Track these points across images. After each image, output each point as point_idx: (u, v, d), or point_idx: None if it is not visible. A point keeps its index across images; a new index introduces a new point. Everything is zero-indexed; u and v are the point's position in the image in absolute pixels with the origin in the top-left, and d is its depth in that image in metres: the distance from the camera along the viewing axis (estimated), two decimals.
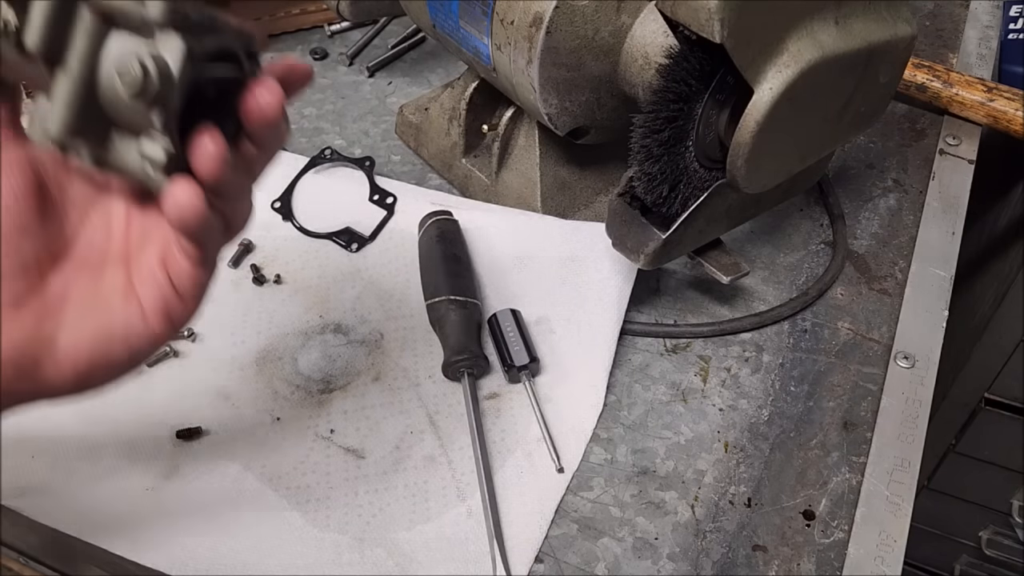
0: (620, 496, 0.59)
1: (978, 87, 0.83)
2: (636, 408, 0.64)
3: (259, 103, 0.36)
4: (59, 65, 0.34)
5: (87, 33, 0.33)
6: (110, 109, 0.35)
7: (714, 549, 0.57)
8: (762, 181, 0.60)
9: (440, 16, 0.69)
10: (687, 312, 0.70)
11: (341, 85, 0.92)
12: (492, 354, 0.65)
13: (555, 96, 0.63)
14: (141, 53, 0.33)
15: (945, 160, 0.82)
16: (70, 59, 0.33)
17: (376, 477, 0.59)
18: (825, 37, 0.54)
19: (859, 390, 0.65)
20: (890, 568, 0.55)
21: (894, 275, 0.73)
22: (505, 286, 0.70)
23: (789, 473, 0.60)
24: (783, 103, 0.53)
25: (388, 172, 0.82)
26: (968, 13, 0.98)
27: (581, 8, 0.60)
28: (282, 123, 0.38)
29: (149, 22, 0.33)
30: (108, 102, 0.34)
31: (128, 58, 0.33)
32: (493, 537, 0.55)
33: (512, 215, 0.74)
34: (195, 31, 0.34)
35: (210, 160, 0.35)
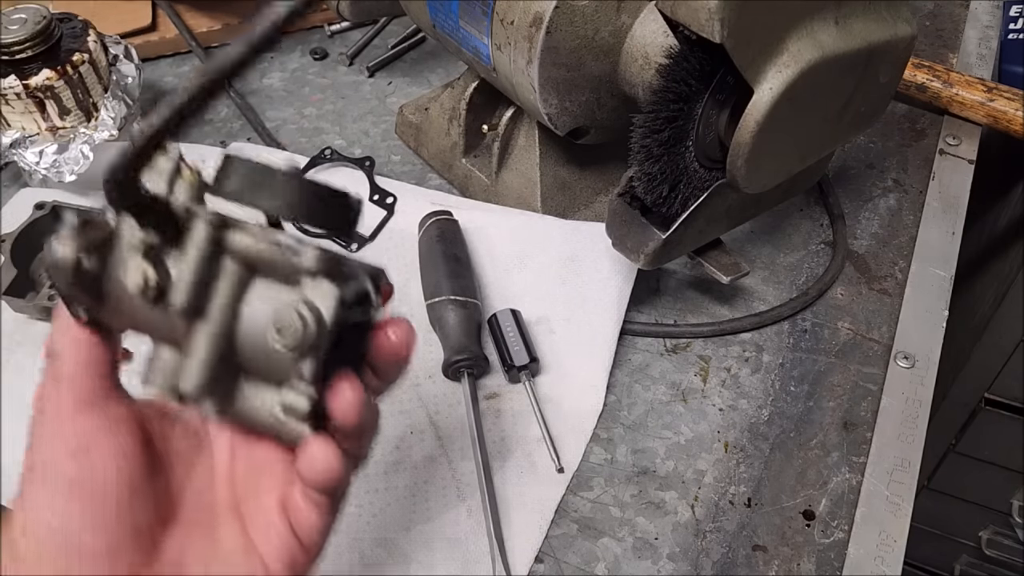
0: (620, 496, 0.59)
1: (978, 87, 0.83)
2: (636, 408, 0.64)
3: (392, 342, 0.35)
4: (199, 318, 0.32)
5: (231, 284, 0.32)
6: (252, 360, 0.33)
7: (714, 549, 0.57)
8: (762, 181, 0.60)
9: (440, 16, 0.69)
10: (687, 312, 0.70)
11: (341, 85, 0.92)
12: (492, 354, 0.65)
13: (555, 96, 0.63)
14: (299, 305, 0.31)
15: (945, 160, 0.82)
16: (212, 311, 0.32)
17: (376, 477, 0.59)
18: (825, 37, 0.54)
19: (859, 390, 0.65)
20: (890, 568, 0.55)
21: (894, 275, 0.73)
22: (505, 286, 0.70)
23: (789, 473, 0.60)
24: (783, 103, 0.53)
25: (388, 172, 0.82)
26: (968, 13, 0.98)
27: (581, 8, 0.60)
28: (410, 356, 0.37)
29: (300, 271, 0.32)
30: (251, 353, 0.33)
31: (286, 311, 0.31)
32: (493, 537, 0.55)
33: (512, 215, 0.74)
34: (343, 276, 0.32)
35: (351, 408, 0.33)
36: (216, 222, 0.32)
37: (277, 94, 0.90)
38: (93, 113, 0.74)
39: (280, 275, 0.32)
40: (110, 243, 0.32)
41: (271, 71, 0.93)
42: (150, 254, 0.32)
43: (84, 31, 0.74)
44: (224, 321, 0.32)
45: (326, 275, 0.32)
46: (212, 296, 0.32)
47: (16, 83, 0.69)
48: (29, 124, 0.72)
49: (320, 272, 0.32)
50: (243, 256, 0.32)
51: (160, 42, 0.94)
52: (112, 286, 0.32)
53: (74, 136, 0.72)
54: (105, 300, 0.33)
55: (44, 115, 0.72)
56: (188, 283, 0.31)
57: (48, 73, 0.70)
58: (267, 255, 0.32)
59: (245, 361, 0.33)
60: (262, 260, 0.32)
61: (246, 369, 0.33)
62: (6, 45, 0.69)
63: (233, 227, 0.32)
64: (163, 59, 0.94)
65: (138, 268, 0.31)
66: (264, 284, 0.33)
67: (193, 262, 0.31)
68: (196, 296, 0.31)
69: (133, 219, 0.31)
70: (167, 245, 0.32)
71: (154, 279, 0.31)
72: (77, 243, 0.31)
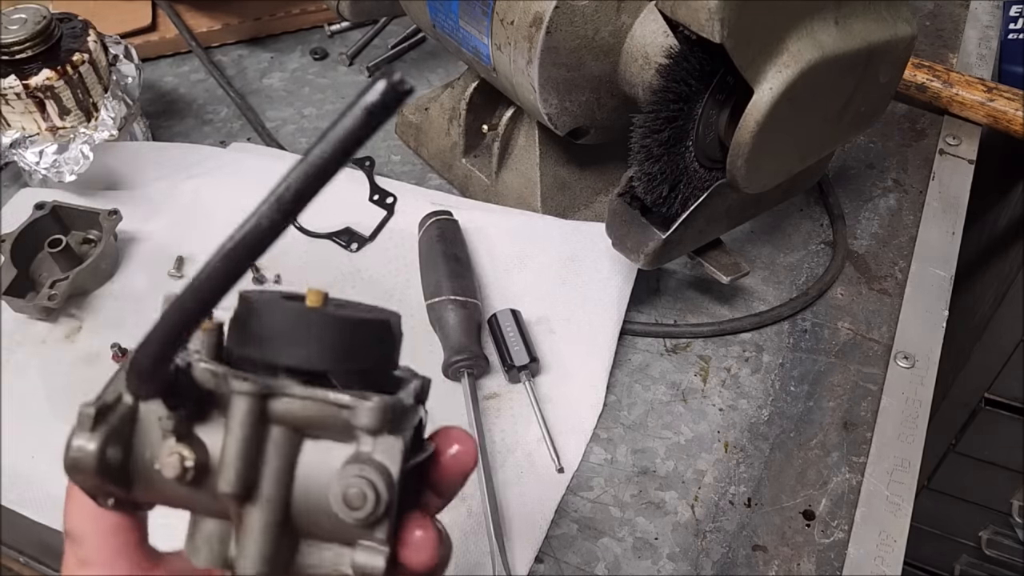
0: (620, 496, 0.59)
1: (978, 87, 0.83)
2: (636, 408, 0.64)
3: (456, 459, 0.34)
4: (250, 500, 0.29)
5: (281, 454, 0.29)
6: (312, 525, 0.30)
7: (714, 549, 0.57)
8: (762, 181, 0.60)
9: (440, 16, 0.69)
10: (687, 312, 0.70)
11: (341, 85, 0.92)
12: (492, 354, 0.65)
13: (555, 96, 0.63)
14: (366, 473, 0.28)
15: (945, 160, 0.82)
16: (263, 488, 0.29)
17: None
18: (825, 37, 0.54)
19: (859, 390, 0.65)
20: (890, 568, 0.55)
21: (894, 275, 0.73)
22: (505, 286, 0.70)
23: (789, 473, 0.60)
24: (783, 103, 0.53)
25: (388, 172, 0.82)
26: (968, 13, 0.98)
27: (581, 8, 0.60)
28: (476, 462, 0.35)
29: (355, 428, 0.29)
30: (312, 518, 0.30)
31: (355, 484, 0.28)
32: (493, 537, 0.55)
33: (512, 215, 0.74)
34: (400, 420, 0.30)
35: (428, 556, 0.31)
36: (256, 392, 0.29)
37: (277, 94, 0.90)
38: (93, 113, 0.74)
39: (331, 433, 0.30)
40: (132, 425, 0.30)
41: (271, 71, 0.93)
42: (182, 434, 0.29)
43: (84, 31, 0.74)
44: (278, 495, 0.29)
45: (388, 430, 0.29)
46: (262, 471, 0.29)
47: (16, 83, 0.69)
48: (29, 124, 0.72)
49: (380, 430, 0.29)
50: (290, 421, 0.29)
51: (160, 42, 0.94)
52: (141, 470, 0.30)
53: (74, 136, 0.72)
54: (134, 486, 0.30)
55: (44, 115, 0.72)
56: (236, 468, 0.29)
57: (48, 73, 0.70)
58: (315, 415, 0.29)
59: (303, 526, 0.30)
60: (310, 421, 0.29)
61: (304, 533, 0.31)
62: (6, 45, 0.69)
63: (275, 395, 0.29)
64: (163, 59, 0.94)
65: (173, 453, 0.29)
66: (315, 445, 0.30)
67: (238, 443, 0.29)
68: (246, 479, 0.29)
69: (160, 401, 0.29)
70: (197, 419, 0.30)
71: (192, 462, 0.29)
72: (99, 435, 0.29)
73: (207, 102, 0.89)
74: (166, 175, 0.77)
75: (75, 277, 0.67)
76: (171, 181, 0.77)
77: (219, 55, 0.95)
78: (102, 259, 0.69)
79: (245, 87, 0.91)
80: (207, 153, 0.79)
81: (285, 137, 0.86)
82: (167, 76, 0.93)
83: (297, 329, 0.29)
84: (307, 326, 0.29)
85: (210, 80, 0.91)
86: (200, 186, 0.76)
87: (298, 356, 0.29)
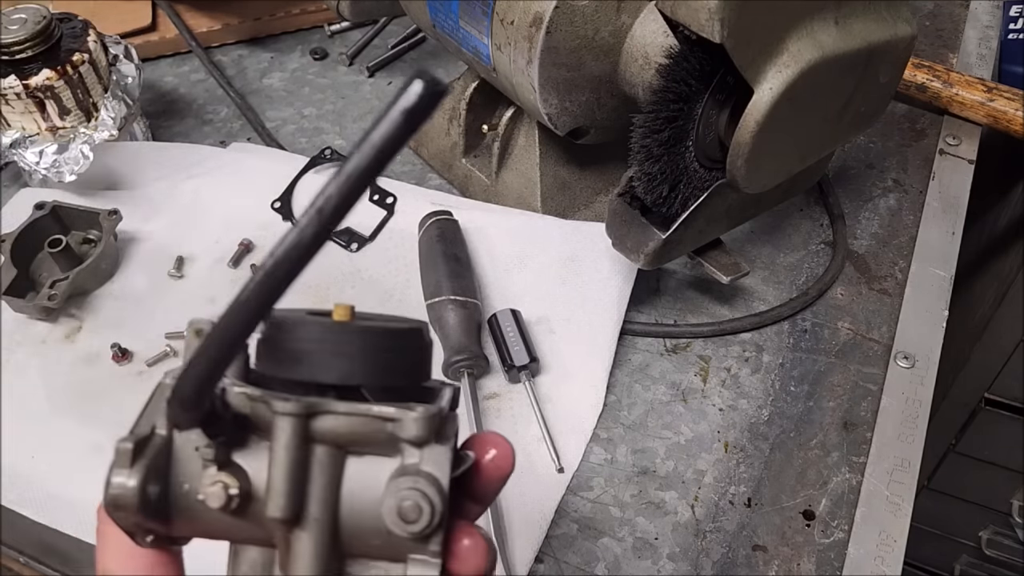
0: (620, 496, 0.59)
1: (978, 87, 0.83)
2: (636, 408, 0.64)
3: (495, 463, 0.33)
4: (298, 523, 0.29)
5: (326, 474, 0.29)
6: (361, 544, 0.30)
7: (714, 549, 0.57)
8: (762, 181, 0.60)
9: (440, 16, 0.69)
10: (687, 312, 0.70)
11: (341, 85, 0.92)
12: (492, 354, 0.65)
13: (555, 96, 0.63)
14: (419, 485, 0.28)
15: (945, 160, 0.82)
16: (311, 509, 0.29)
17: None
18: (825, 37, 0.54)
19: (859, 390, 0.65)
20: (890, 568, 0.55)
21: (894, 275, 0.73)
22: (505, 286, 0.70)
23: (789, 473, 0.60)
24: (783, 103, 0.53)
25: (388, 172, 0.82)
26: (968, 13, 0.98)
27: (581, 8, 0.60)
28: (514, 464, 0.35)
29: (400, 440, 0.29)
30: (361, 538, 0.29)
31: (409, 496, 0.28)
32: (493, 537, 0.55)
33: (512, 215, 0.74)
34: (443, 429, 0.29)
35: (475, 562, 0.31)
36: (301, 412, 0.28)
37: (277, 94, 0.90)
38: (93, 113, 0.74)
39: (375, 448, 0.29)
40: (168, 458, 0.29)
41: (271, 71, 0.93)
42: (223, 462, 0.29)
43: (84, 31, 0.74)
44: (326, 516, 0.29)
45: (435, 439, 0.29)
46: (308, 492, 0.29)
47: (16, 83, 0.69)
48: (29, 124, 0.72)
49: (427, 440, 0.29)
50: (333, 439, 0.29)
51: (160, 42, 0.94)
52: (180, 503, 0.29)
53: (74, 136, 0.72)
54: (173, 520, 0.30)
55: (44, 115, 0.72)
56: (285, 492, 0.28)
57: (48, 73, 0.70)
58: (359, 430, 0.29)
59: (350, 546, 0.30)
60: (354, 437, 0.29)
61: (351, 552, 0.30)
62: (6, 45, 0.69)
63: (318, 413, 0.29)
64: (163, 59, 0.94)
65: (216, 482, 0.28)
66: (359, 462, 0.29)
67: (285, 466, 0.28)
68: (295, 503, 0.28)
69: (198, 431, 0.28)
70: (235, 445, 0.29)
71: (236, 489, 0.28)
72: (139, 471, 0.28)
73: (207, 102, 0.89)
74: (166, 175, 0.77)
75: (75, 277, 0.67)
76: (171, 181, 0.77)
77: (219, 55, 0.95)
78: (102, 259, 0.69)
79: (245, 87, 0.91)
80: (207, 153, 0.79)
81: (285, 137, 0.86)
82: (167, 76, 0.93)
83: (334, 344, 0.28)
84: (344, 341, 0.28)
85: (210, 80, 0.91)
86: (200, 186, 0.76)
87: (338, 372, 0.28)
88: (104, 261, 0.70)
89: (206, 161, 0.79)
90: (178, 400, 0.26)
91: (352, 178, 0.23)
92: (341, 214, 0.24)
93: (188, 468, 0.29)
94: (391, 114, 0.23)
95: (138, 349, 0.65)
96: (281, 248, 0.24)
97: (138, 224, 0.74)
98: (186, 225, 0.74)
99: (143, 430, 0.29)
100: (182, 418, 0.27)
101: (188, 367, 0.26)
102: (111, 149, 0.75)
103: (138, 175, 0.77)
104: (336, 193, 0.23)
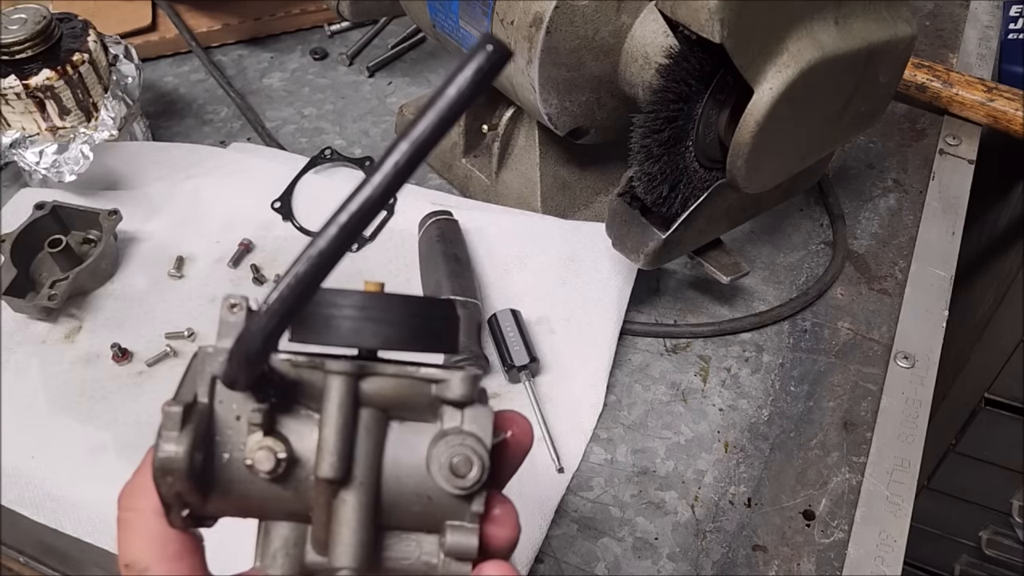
0: (620, 496, 0.59)
1: (978, 87, 0.83)
2: (636, 408, 0.64)
3: (517, 439, 0.33)
4: (344, 486, 0.29)
5: (371, 437, 0.29)
6: (400, 512, 0.30)
7: (714, 549, 0.57)
8: (762, 181, 0.60)
9: (440, 16, 0.69)
10: (687, 312, 0.70)
11: (341, 85, 0.92)
12: (492, 354, 0.65)
13: (555, 96, 0.63)
14: (468, 442, 0.29)
15: (945, 160, 0.82)
16: (358, 472, 0.29)
17: None
18: (825, 37, 0.54)
19: (859, 390, 0.65)
20: (890, 568, 0.55)
21: (894, 275, 0.73)
22: (505, 286, 0.70)
23: (789, 473, 0.60)
24: (783, 103, 0.53)
25: None
26: (968, 13, 0.98)
27: (581, 8, 0.60)
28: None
29: (443, 402, 0.29)
30: (401, 505, 0.30)
31: (460, 451, 0.29)
32: None
33: (512, 215, 0.74)
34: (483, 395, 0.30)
35: (512, 531, 0.31)
36: (353, 372, 0.29)
37: (277, 94, 0.90)
38: (93, 113, 0.74)
39: (416, 412, 0.30)
40: (210, 426, 0.29)
41: (271, 71, 0.93)
42: (269, 428, 0.29)
43: (84, 31, 0.74)
44: (371, 479, 0.29)
45: (477, 399, 0.29)
46: (356, 456, 0.29)
47: (16, 83, 0.69)
48: (29, 124, 0.72)
49: (471, 400, 0.29)
50: (379, 401, 0.29)
51: (160, 42, 0.94)
52: (223, 474, 0.29)
53: (74, 136, 0.72)
54: (212, 492, 0.29)
55: (44, 115, 0.72)
56: (337, 451, 0.28)
57: (48, 73, 0.70)
58: (405, 392, 0.29)
59: (390, 513, 0.30)
60: (400, 399, 0.29)
61: (389, 521, 0.30)
62: (6, 45, 0.69)
63: (368, 375, 0.29)
64: (163, 59, 0.94)
65: (264, 447, 0.28)
66: (401, 427, 0.30)
67: (337, 425, 0.28)
68: (345, 464, 0.28)
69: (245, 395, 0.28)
70: (278, 412, 0.29)
71: (284, 453, 0.28)
72: (187, 435, 0.27)
73: (207, 102, 0.89)
74: (166, 175, 0.77)
75: (75, 277, 0.67)
76: (171, 181, 0.77)
77: (219, 55, 0.95)
78: (102, 259, 0.69)
79: (245, 87, 0.91)
80: (207, 153, 0.79)
81: (285, 137, 0.86)
82: (167, 76, 0.93)
83: (377, 311, 0.28)
84: (385, 308, 0.28)
85: (210, 80, 0.91)
86: (200, 186, 0.76)
87: (382, 337, 0.28)
88: (104, 261, 0.70)
89: (206, 161, 0.79)
90: (243, 355, 0.26)
91: (425, 133, 0.24)
92: (412, 168, 0.24)
93: (230, 437, 0.29)
94: (464, 73, 0.23)
95: (138, 349, 0.66)
96: (354, 202, 0.24)
97: (138, 224, 0.74)
98: (186, 225, 0.74)
99: (186, 397, 0.29)
100: (242, 375, 0.27)
101: (253, 322, 0.26)
102: (111, 149, 0.75)
103: (138, 175, 0.77)
104: (408, 148, 0.24)
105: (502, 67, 0.24)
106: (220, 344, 0.28)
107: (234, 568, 0.31)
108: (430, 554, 0.30)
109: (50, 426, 0.61)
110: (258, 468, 0.28)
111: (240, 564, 0.31)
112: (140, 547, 0.30)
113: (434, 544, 0.30)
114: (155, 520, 0.29)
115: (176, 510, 0.29)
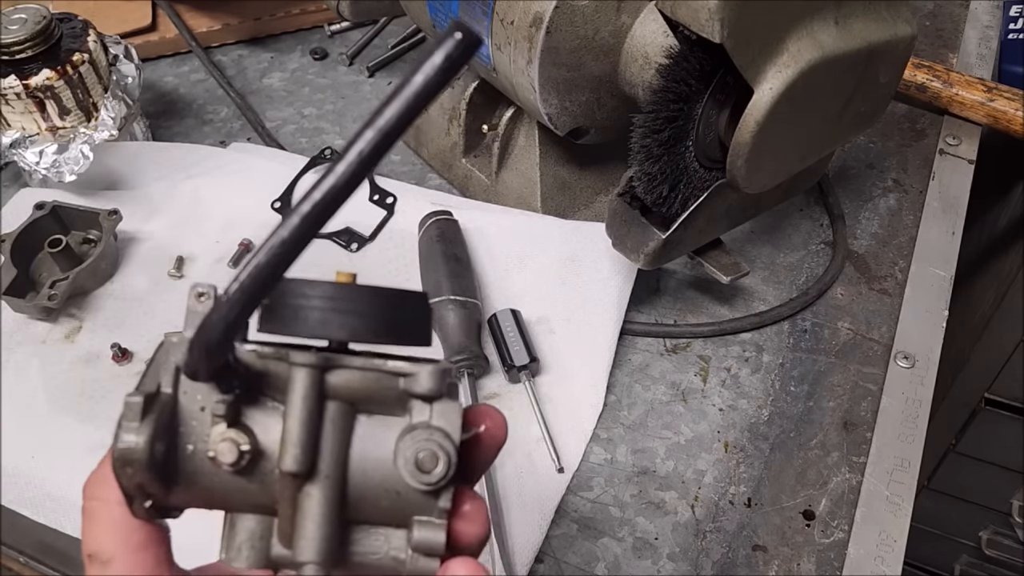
0: (620, 496, 0.59)
1: (978, 87, 0.83)
2: (636, 408, 0.64)
3: (490, 433, 0.33)
4: (310, 479, 0.28)
5: (337, 430, 0.29)
6: (367, 506, 0.29)
7: (714, 549, 0.57)
8: (762, 181, 0.60)
9: (440, 16, 0.69)
10: (687, 312, 0.70)
11: (341, 85, 0.92)
12: (492, 354, 0.65)
13: (555, 96, 0.63)
14: (435, 437, 0.28)
15: (945, 160, 0.82)
16: (323, 465, 0.28)
17: None
18: (825, 37, 0.54)
19: (859, 390, 0.65)
20: (890, 568, 0.55)
21: (894, 275, 0.73)
22: (505, 286, 0.70)
23: (789, 473, 0.60)
24: (783, 103, 0.53)
25: (388, 172, 0.82)
26: (968, 13, 0.98)
27: (581, 8, 0.60)
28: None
29: (410, 396, 0.29)
30: (368, 499, 0.29)
31: (425, 446, 0.28)
32: (493, 537, 0.55)
33: (512, 215, 0.74)
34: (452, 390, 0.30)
35: (480, 527, 0.31)
36: (318, 364, 0.28)
37: (277, 94, 0.90)
38: (93, 113, 0.74)
39: (384, 406, 0.30)
40: (173, 417, 0.28)
41: (271, 71, 0.93)
42: (232, 420, 0.28)
43: (84, 31, 0.74)
44: (337, 473, 0.29)
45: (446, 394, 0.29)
46: (320, 449, 0.28)
47: (16, 83, 0.69)
48: (29, 124, 0.72)
49: (439, 394, 0.29)
50: (346, 394, 0.29)
51: (160, 42, 0.94)
52: (187, 466, 0.28)
53: (74, 136, 0.72)
54: (175, 484, 0.29)
55: (44, 115, 0.72)
56: (301, 444, 0.28)
57: (48, 73, 0.70)
58: (372, 386, 0.29)
59: (356, 508, 0.29)
60: (367, 393, 0.29)
61: (356, 515, 0.30)
62: (6, 45, 0.69)
63: (333, 367, 0.28)
64: (163, 59, 0.94)
65: (227, 439, 0.28)
66: (369, 421, 0.30)
67: (301, 418, 0.28)
68: (309, 457, 0.28)
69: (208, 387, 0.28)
70: (243, 403, 0.29)
71: (248, 446, 0.28)
72: (148, 426, 0.27)
73: (207, 102, 0.89)
74: (166, 175, 0.77)
75: (75, 277, 0.67)
76: (171, 181, 0.77)
77: (219, 55, 0.95)
78: (102, 259, 0.69)
79: (245, 87, 0.91)
80: (207, 153, 0.79)
81: (285, 137, 0.86)
82: (167, 76, 0.93)
83: (346, 302, 0.28)
84: (354, 299, 0.28)
85: (210, 80, 0.91)
86: (200, 186, 0.76)
87: (350, 329, 0.28)
88: (104, 261, 0.70)
89: (206, 161, 0.79)
90: (203, 345, 0.26)
91: (391, 121, 0.24)
92: (379, 157, 0.24)
93: (194, 428, 0.28)
94: (432, 60, 0.23)
95: (138, 349, 0.65)
96: (318, 191, 0.24)
97: (138, 224, 0.74)
98: (186, 225, 0.74)
99: (149, 387, 0.28)
100: (202, 366, 0.27)
101: (217, 309, 0.25)
102: (111, 149, 0.75)
103: (138, 175, 0.77)
104: (374, 137, 0.24)
105: (471, 54, 0.23)
106: (186, 333, 0.28)
107: (201, 560, 0.31)
108: (398, 549, 0.30)
109: (50, 426, 0.61)
110: (221, 460, 0.28)
111: (207, 556, 0.31)
112: (104, 537, 0.29)
113: (403, 539, 0.30)
114: (119, 510, 0.29)
115: (139, 501, 0.28)
